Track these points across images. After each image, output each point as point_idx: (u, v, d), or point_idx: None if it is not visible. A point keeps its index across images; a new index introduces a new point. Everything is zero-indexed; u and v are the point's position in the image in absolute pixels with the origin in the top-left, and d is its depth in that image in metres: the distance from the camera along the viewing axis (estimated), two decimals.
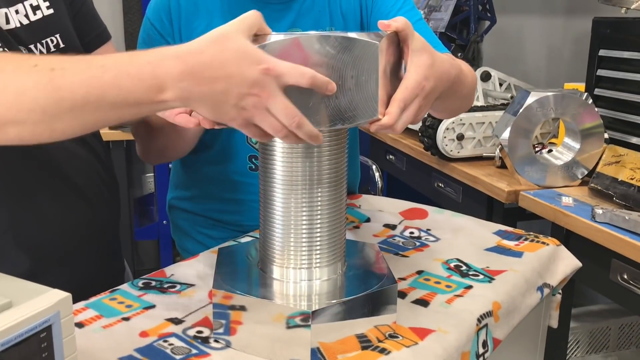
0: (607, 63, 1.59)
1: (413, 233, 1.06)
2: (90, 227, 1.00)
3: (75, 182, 0.97)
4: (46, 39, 0.93)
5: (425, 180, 1.95)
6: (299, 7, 1.08)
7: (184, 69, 0.61)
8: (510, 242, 1.02)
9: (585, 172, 1.49)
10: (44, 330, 0.51)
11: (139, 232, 2.76)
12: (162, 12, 1.07)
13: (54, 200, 0.95)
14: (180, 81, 0.61)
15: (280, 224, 0.73)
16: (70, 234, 0.97)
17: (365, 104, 0.67)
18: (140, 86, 0.62)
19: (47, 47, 0.93)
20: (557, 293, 1.02)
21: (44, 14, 0.93)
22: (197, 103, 0.63)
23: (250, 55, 0.61)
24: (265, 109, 0.62)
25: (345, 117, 0.67)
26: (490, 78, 2.02)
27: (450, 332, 0.74)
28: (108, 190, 1.05)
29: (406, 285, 0.85)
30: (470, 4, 2.39)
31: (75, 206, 0.98)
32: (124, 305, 0.80)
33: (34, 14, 0.91)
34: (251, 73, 0.60)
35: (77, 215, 0.98)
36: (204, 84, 0.61)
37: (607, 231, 1.21)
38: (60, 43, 0.94)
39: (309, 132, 0.65)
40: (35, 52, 0.90)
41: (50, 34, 0.93)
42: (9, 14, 0.89)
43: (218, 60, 0.61)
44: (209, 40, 0.62)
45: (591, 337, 1.74)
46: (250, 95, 0.61)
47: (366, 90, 0.67)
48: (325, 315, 0.68)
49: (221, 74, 0.61)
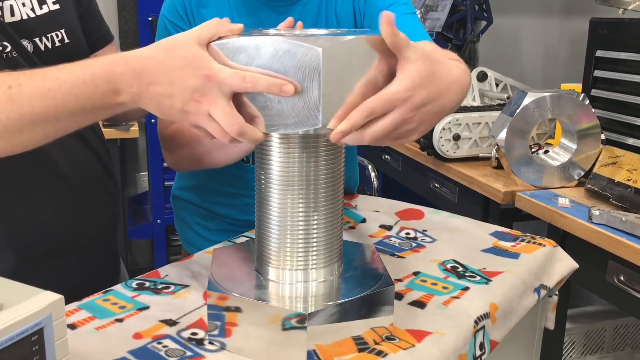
0: (604, 64, 1.59)
1: (409, 234, 1.06)
2: (85, 227, 0.99)
3: (72, 182, 0.97)
4: (51, 33, 0.93)
5: (421, 180, 1.95)
6: (300, 9, 1.10)
7: (133, 74, 0.65)
8: (507, 243, 1.01)
9: (581, 173, 1.49)
10: (35, 333, 0.50)
11: (132, 232, 2.75)
12: (178, 7, 1.08)
13: (48, 198, 0.94)
14: (130, 86, 0.65)
15: (276, 225, 0.72)
16: (63, 233, 0.96)
17: (307, 112, 0.64)
18: (97, 92, 0.66)
19: (52, 41, 0.93)
20: (554, 294, 1.02)
21: (50, 8, 0.94)
22: (147, 105, 0.66)
23: (194, 62, 0.63)
24: (207, 114, 0.64)
25: (287, 124, 0.65)
26: (487, 78, 2.02)
27: (448, 334, 0.73)
28: (107, 192, 1.05)
29: (403, 287, 0.85)
30: (467, 4, 2.39)
31: (70, 205, 0.97)
32: (117, 307, 0.79)
33: (40, 7, 0.92)
34: (193, 80, 0.63)
35: (71, 215, 0.97)
36: (150, 88, 0.65)
37: (603, 232, 1.20)
38: (65, 38, 0.95)
39: (251, 137, 0.65)
40: (40, 45, 0.91)
41: (56, 28, 0.94)
42: (14, 6, 0.89)
43: (164, 66, 0.64)
44: (160, 47, 0.66)
45: (586, 338, 1.74)
46: (192, 100, 0.64)
47: (308, 98, 0.64)
48: (322, 317, 0.68)
49: (165, 80, 0.64)
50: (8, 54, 0.88)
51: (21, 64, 0.88)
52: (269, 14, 1.09)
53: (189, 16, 1.08)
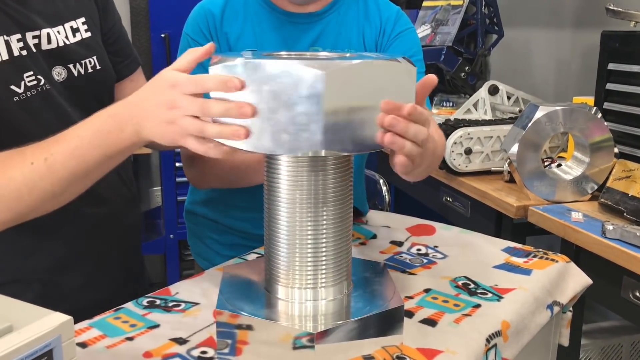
0: (617, 77, 1.58)
1: (420, 250, 1.05)
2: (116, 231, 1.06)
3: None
4: (85, 60, 0.98)
5: (433, 194, 1.94)
6: (322, 27, 1.11)
7: (129, 108, 0.74)
8: (519, 259, 1.00)
9: (595, 187, 1.48)
10: (45, 355, 0.50)
11: (145, 246, 2.75)
12: (201, 26, 1.10)
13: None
14: (130, 119, 0.74)
15: (285, 243, 0.72)
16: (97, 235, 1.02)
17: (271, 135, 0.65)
18: (110, 137, 0.75)
19: (85, 68, 0.98)
20: (568, 311, 1.01)
21: (82, 36, 0.98)
22: (148, 133, 0.73)
23: (163, 80, 0.71)
24: (182, 115, 0.69)
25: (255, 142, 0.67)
26: (498, 92, 2.01)
27: (459, 353, 0.73)
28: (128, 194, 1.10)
29: (413, 304, 0.84)
30: (478, 18, 2.39)
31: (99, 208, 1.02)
32: (128, 325, 0.80)
33: (73, 36, 0.97)
34: (162, 93, 0.71)
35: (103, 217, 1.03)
36: (142, 114, 0.73)
37: (618, 247, 1.19)
38: (96, 65, 1.00)
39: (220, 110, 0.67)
40: (73, 71, 0.96)
41: (89, 55, 0.99)
42: (51, 34, 0.93)
43: (147, 92, 0.74)
44: (147, 83, 0.75)
45: (603, 355, 1.71)
46: (167, 109, 0.70)
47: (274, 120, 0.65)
48: (331, 336, 0.67)
49: (147, 104, 0.72)
50: (42, 87, 0.91)
51: (54, 95, 0.92)
52: (291, 31, 1.10)
53: (212, 35, 1.09)
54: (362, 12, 1.13)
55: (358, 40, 1.12)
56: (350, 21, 1.13)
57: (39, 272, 0.96)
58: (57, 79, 0.93)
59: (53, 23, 0.94)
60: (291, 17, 1.10)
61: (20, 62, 0.89)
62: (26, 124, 0.89)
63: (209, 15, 1.09)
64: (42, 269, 0.97)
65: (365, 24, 1.13)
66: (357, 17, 1.13)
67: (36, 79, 0.90)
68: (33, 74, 0.90)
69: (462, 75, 2.29)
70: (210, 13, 1.09)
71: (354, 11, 1.13)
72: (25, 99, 0.89)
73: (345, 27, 1.12)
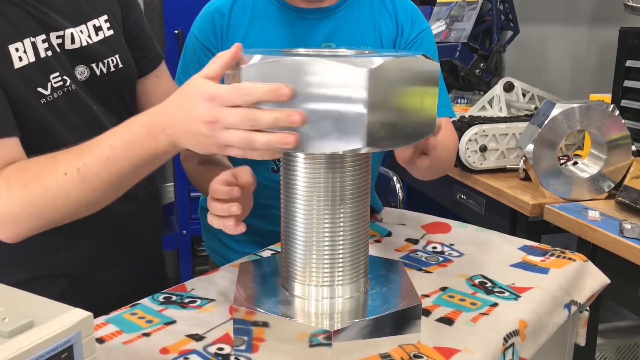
0: (634, 74, 1.56)
1: (436, 248, 1.05)
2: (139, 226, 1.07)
3: None
4: (107, 59, 0.98)
5: (448, 192, 1.93)
6: (335, 23, 1.09)
7: (163, 118, 0.72)
8: (536, 258, 0.99)
9: (612, 185, 1.46)
10: (65, 351, 0.50)
11: None
12: (207, 27, 1.09)
13: None
14: (163, 129, 0.71)
15: (302, 241, 0.72)
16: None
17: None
18: (143, 147, 0.73)
19: (108, 67, 0.98)
20: (585, 310, 1.00)
21: (105, 35, 0.98)
22: (184, 143, 0.71)
23: (198, 91, 0.67)
24: (223, 128, 0.66)
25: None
26: (514, 89, 2.00)
27: (476, 352, 0.72)
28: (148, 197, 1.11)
29: (430, 303, 0.84)
30: (493, 14, 2.37)
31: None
32: (144, 321, 0.80)
33: (96, 34, 0.97)
34: (200, 105, 0.67)
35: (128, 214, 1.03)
36: (177, 125, 0.70)
37: (635, 247, 1.17)
38: (119, 63, 0.99)
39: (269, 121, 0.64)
40: (96, 70, 0.96)
41: (112, 54, 0.98)
42: (75, 34, 0.93)
43: (180, 102, 0.70)
44: (179, 90, 0.71)
45: (619, 354, 1.70)
46: (207, 124, 0.67)
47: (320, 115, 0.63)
48: (348, 334, 0.67)
49: (183, 115, 0.69)
50: (68, 87, 0.91)
51: (79, 95, 0.93)
52: (302, 27, 1.08)
53: (219, 36, 1.09)
54: (377, 7, 1.12)
55: (375, 37, 1.10)
56: (365, 17, 1.10)
57: (67, 267, 0.97)
58: (79, 78, 0.93)
59: (76, 22, 0.94)
60: (302, 13, 1.08)
61: (46, 63, 0.89)
62: (54, 125, 0.89)
63: (216, 15, 1.08)
64: (70, 264, 0.97)
65: (381, 20, 1.11)
66: (371, 12, 1.11)
67: (62, 79, 0.90)
68: (59, 75, 0.90)
69: (477, 72, 2.28)
70: (218, 13, 1.08)
71: (367, 6, 1.11)
72: (52, 101, 0.89)
73: (360, 23, 1.10)
